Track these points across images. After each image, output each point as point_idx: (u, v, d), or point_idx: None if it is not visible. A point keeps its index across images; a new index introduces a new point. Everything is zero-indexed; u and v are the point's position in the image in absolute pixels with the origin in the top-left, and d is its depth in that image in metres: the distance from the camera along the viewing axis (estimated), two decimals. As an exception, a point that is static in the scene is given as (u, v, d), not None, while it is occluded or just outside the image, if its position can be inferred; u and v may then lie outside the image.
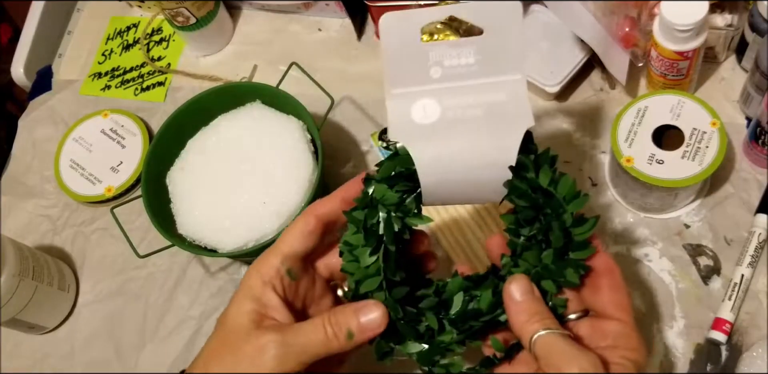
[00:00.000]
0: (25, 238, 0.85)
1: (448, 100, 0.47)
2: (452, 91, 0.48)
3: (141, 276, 0.81)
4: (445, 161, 0.47)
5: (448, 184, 0.48)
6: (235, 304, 0.50)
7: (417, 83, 0.48)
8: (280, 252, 0.51)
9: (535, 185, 0.48)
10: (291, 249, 0.51)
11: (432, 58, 0.48)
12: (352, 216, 0.50)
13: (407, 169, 0.49)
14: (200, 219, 0.71)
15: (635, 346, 0.48)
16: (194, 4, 0.83)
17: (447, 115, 0.47)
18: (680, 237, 0.70)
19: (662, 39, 0.66)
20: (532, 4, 0.77)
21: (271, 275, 0.50)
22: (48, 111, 0.93)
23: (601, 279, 0.49)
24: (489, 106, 0.47)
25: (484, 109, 0.47)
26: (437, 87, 0.48)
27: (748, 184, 0.70)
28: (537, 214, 0.49)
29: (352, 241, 0.50)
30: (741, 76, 0.74)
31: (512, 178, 0.47)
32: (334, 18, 0.88)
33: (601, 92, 0.77)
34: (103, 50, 0.95)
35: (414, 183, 0.49)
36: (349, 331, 0.48)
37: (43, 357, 0.80)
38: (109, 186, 0.84)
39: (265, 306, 0.50)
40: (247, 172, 0.71)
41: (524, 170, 0.48)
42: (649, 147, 0.65)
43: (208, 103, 0.75)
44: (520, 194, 0.48)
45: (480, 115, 0.47)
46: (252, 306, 0.50)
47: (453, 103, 0.48)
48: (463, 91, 0.48)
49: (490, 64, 0.47)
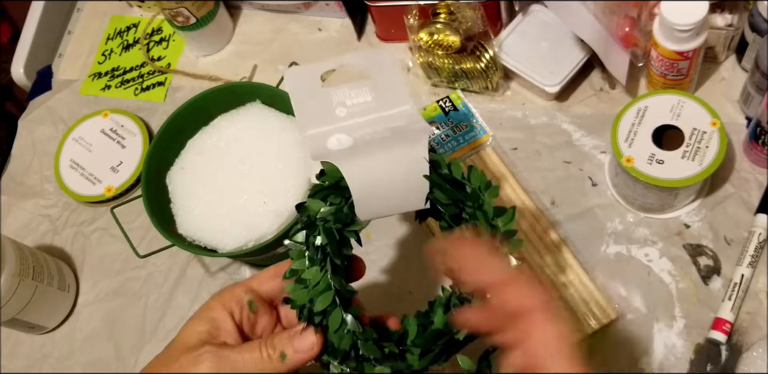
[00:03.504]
0: (25, 238, 0.85)
1: (357, 132, 0.54)
2: (359, 125, 0.54)
3: (141, 276, 0.81)
4: (371, 170, 0.52)
5: (377, 192, 0.52)
6: (191, 323, 0.52)
7: (327, 123, 0.54)
8: (247, 285, 0.53)
9: (450, 178, 0.53)
10: (258, 286, 0.53)
11: (335, 100, 0.55)
12: (294, 241, 0.52)
13: (337, 183, 0.52)
14: (200, 219, 0.71)
15: None
16: (194, 4, 0.83)
17: (359, 141, 0.54)
18: (680, 237, 0.70)
19: (662, 39, 0.66)
20: (532, 3, 0.77)
21: (232, 302, 0.52)
22: (48, 111, 0.93)
23: None
24: (393, 130, 0.54)
25: (389, 132, 0.54)
26: (345, 124, 0.54)
27: (748, 184, 0.70)
28: (460, 210, 0.53)
29: (296, 267, 0.51)
30: (741, 75, 0.74)
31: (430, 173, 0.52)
32: (334, 18, 0.88)
33: (601, 92, 0.77)
34: (103, 50, 0.95)
35: (346, 194, 0.52)
36: (282, 353, 0.50)
37: (43, 357, 0.80)
38: (109, 186, 0.84)
39: (218, 328, 0.51)
40: (247, 172, 0.71)
41: (438, 167, 0.53)
42: (649, 147, 0.65)
43: (207, 103, 0.75)
44: (440, 188, 0.52)
45: (388, 136, 0.54)
46: (205, 327, 0.51)
47: (362, 132, 0.54)
48: (368, 124, 0.54)
49: (383, 100, 0.55)
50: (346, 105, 0.54)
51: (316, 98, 0.55)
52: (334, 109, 0.54)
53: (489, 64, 0.75)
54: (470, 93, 0.80)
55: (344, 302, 0.51)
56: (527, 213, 0.72)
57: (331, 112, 0.54)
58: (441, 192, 0.52)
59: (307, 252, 0.51)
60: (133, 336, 0.78)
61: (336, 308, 0.51)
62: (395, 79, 0.55)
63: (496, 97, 0.80)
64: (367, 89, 0.55)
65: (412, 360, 0.51)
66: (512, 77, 0.79)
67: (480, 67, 0.75)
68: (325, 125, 0.54)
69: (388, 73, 0.55)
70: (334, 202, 0.52)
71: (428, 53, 0.77)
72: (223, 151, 0.73)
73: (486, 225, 0.52)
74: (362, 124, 0.54)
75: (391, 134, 0.54)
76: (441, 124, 0.79)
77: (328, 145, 0.54)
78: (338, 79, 0.57)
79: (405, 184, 0.52)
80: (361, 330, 0.50)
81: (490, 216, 0.52)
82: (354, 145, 0.53)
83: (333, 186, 0.52)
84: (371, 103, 0.54)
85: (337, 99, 0.55)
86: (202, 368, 0.48)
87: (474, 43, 0.75)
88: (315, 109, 0.55)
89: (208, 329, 0.51)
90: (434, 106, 0.80)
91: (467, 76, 0.77)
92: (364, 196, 0.52)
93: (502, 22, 0.80)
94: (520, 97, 0.79)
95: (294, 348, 0.50)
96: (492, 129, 0.78)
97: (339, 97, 0.55)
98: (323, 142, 0.54)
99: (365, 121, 0.54)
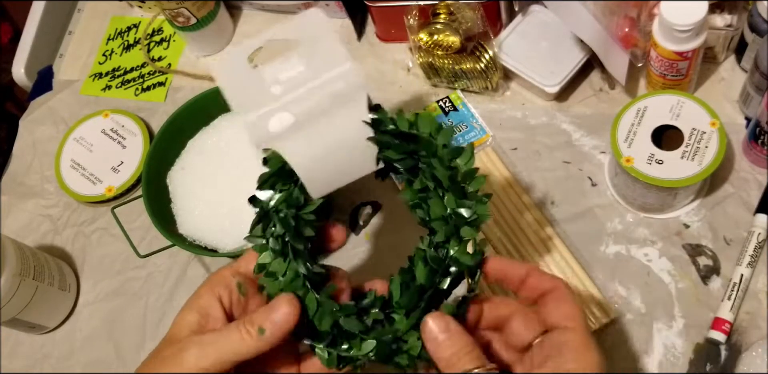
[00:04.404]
0: (25, 238, 0.85)
1: (297, 107, 0.50)
2: (298, 98, 0.50)
3: (141, 276, 0.81)
4: (312, 146, 0.50)
5: (324, 166, 0.51)
6: (182, 314, 0.51)
7: (264, 104, 0.50)
8: (235, 268, 0.52)
9: (397, 132, 0.50)
10: (246, 268, 0.52)
11: (269, 78, 0.51)
12: (252, 236, 0.51)
13: (282, 168, 0.51)
14: (200, 219, 0.71)
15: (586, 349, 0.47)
16: (194, 4, 0.83)
17: (300, 116, 0.50)
18: (680, 237, 0.70)
19: (662, 39, 0.66)
20: (532, 3, 0.78)
21: (220, 286, 0.51)
22: (49, 111, 0.93)
23: (548, 296, 0.49)
24: (332, 95, 0.50)
25: (329, 99, 0.50)
26: (284, 101, 0.50)
27: (747, 184, 0.70)
28: (416, 161, 0.51)
29: (262, 261, 0.51)
30: (740, 76, 0.74)
31: (375, 134, 0.50)
32: (334, 18, 0.88)
33: (601, 92, 0.78)
34: (103, 50, 0.95)
35: (293, 177, 0.51)
36: (260, 328, 0.48)
37: (43, 357, 0.80)
38: (110, 186, 0.84)
39: (207, 316, 0.51)
40: (248, 172, 0.71)
41: (383, 124, 0.50)
42: (648, 147, 0.65)
43: (208, 103, 0.75)
44: (389, 146, 0.50)
45: (327, 105, 0.50)
46: (195, 318, 0.50)
47: (302, 106, 0.50)
48: (307, 94, 0.50)
49: (317, 66, 0.50)
50: (280, 81, 0.51)
51: (248, 81, 0.51)
52: (269, 87, 0.51)
53: (489, 64, 0.75)
54: (470, 93, 0.80)
55: (316, 284, 0.50)
56: (527, 213, 0.73)
57: (266, 91, 0.51)
58: (391, 150, 0.50)
59: (269, 244, 0.51)
60: (134, 336, 0.78)
61: (308, 292, 0.50)
62: (326, 40, 0.51)
63: (495, 97, 0.80)
64: (298, 58, 0.51)
65: (399, 321, 0.50)
66: (512, 77, 0.79)
67: (480, 67, 0.75)
68: (263, 107, 0.50)
69: (318, 36, 0.51)
70: (283, 189, 0.51)
71: (428, 53, 0.77)
72: (224, 151, 0.73)
73: (445, 170, 0.50)
74: (301, 97, 0.50)
75: (331, 100, 0.51)
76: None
77: (269, 128, 0.51)
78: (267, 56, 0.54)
79: (351, 151, 0.50)
80: (339, 307, 0.49)
81: (446, 160, 0.50)
82: (295, 121, 0.50)
83: (278, 171, 0.51)
84: (305, 72, 0.50)
85: (269, 76, 0.51)
86: (187, 357, 0.48)
87: (474, 43, 0.75)
88: (249, 92, 0.51)
89: (197, 319, 0.50)
90: (434, 106, 0.80)
91: (467, 76, 0.77)
92: (312, 174, 0.50)
93: (502, 23, 0.80)
94: (520, 97, 0.79)
95: (270, 321, 0.49)
96: (492, 129, 0.78)
97: (271, 74, 0.51)
98: (264, 125, 0.51)
99: (303, 92, 0.50)
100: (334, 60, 0.50)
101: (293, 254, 0.51)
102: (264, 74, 0.51)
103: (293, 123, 0.50)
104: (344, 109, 0.50)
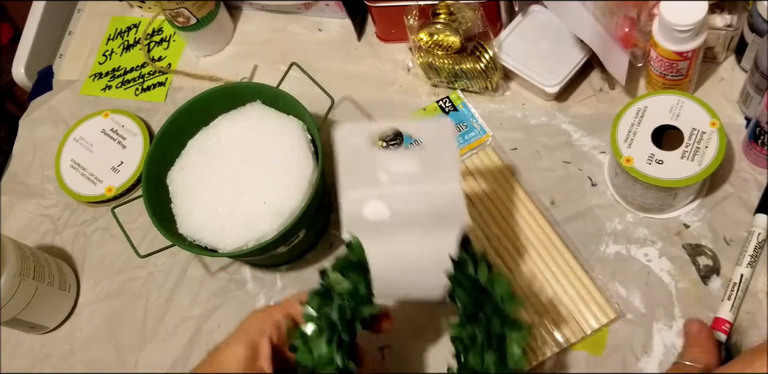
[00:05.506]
0: (25, 238, 0.85)
1: (395, 203, 0.52)
2: (398, 195, 0.53)
3: (141, 276, 0.81)
4: (394, 254, 0.52)
5: (398, 279, 0.53)
6: (231, 345, 0.54)
7: (366, 186, 0.53)
8: (285, 309, 0.56)
9: (473, 280, 0.53)
10: (295, 311, 0.56)
11: (380, 164, 0.53)
12: (308, 306, 0.55)
13: (359, 261, 0.53)
14: (200, 219, 0.71)
15: None
16: (195, 4, 0.84)
17: (395, 216, 0.52)
18: (680, 237, 0.70)
19: (662, 39, 0.66)
20: (532, 4, 0.78)
21: (271, 326, 0.55)
22: (49, 111, 0.93)
23: None
24: (431, 210, 0.52)
25: (426, 212, 0.52)
26: (385, 190, 0.53)
27: (747, 184, 0.70)
28: (477, 311, 0.53)
29: (306, 331, 0.54)
30: (740, 76, 0.74)
31: (455, 271, 0.52)
32: (334, 18, 0.88)
33: (601, 92, 0.78)
34: (103, 50, 0.95)
35: (366, 273, 0.53)
36: None
37: (43, 356, 0.80)
38: (110, 186, 0.84)
39: (257, 354, 0.53)
40: (248, 172, 0.71)
41: (464, 266, 0.52)
42: (648, 147, 0.65)
43: (208, 104, 0.75)
44: (462, 287, 0.53)
45: (424, 218, 0.52)
46: (245, 353, 0.53)
47: (400, 205, 0.52)
48: (409, 196, 0.53)
49: (430, 174, 0.53)
50: (390, 171, 0.53)
51: (361, 158, 0.53)
52: (377, 172, 0.53)
53: (489, 64, 0.75)
54: (470, 93, 0.81)
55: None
56: (527, 213, 0.73)
57: (374, 174, 0.53)
58: (462, 292, 0.53)
59: (319, 321, 0.54)
60: (134, 335, 0.78)
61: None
62: (450, 154, 0.53)
63: (495, 97, 0.80)
64: (416, 158, 0.53)
65: None
66: (512, 77, 0.79)
67: (480, 67, 0.75)
68: (365, 188, 0.53)
69: (443, 146, 0.53)
70: (354, 279, 0.53)
71: (428, 53, 0.77)
72: (224, 151, 0.73)
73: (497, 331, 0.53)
74: (403, 194, 0.52)
75: (428, 214, 0.53)
76: (441, 124, 0.79)
77: (363, 213, 0.53)
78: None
79: (428, 275, 0.52)
80: None
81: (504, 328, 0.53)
82: (388, 219, 0.52)
83: (357, 262, 0.53)
84: (416, 173, 0.53)
85: (382, 162, 0.53)
86: None
87: (474, 43, 0.75)
88: (358, 168, 0.53)
89: (247, 354, 0.53)
90: (434, 107, 0.80)
91: (467, 76, 0.77)
92: (384, 282, 0.53)
93: (502, 23, 0.80)
94: (520, 97, 0.79)
95: None
96: (492, 129, 0.78)
97: (385, 161, 0.53)
98: (359, 207, 0.53)
99: (407, 191, 0.53)
100: (446, 176, 0.52)
101: (338, 344, 0.53)
102: (379, 158, 0.53)
103: (388, 218, 0.52)
104: (438, 231, 0.52)
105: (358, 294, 0.53)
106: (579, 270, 0.69)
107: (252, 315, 0.57)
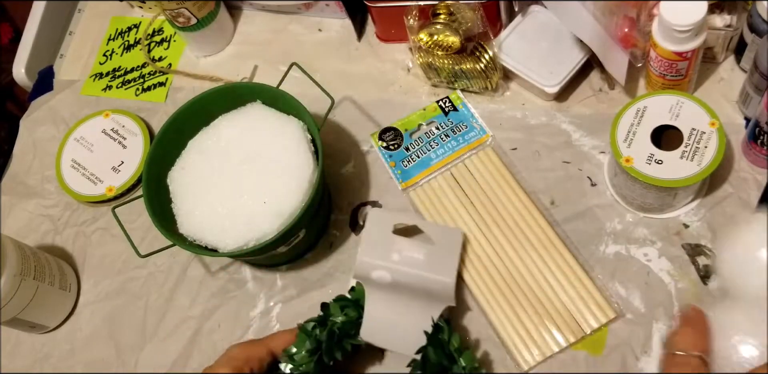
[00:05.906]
0: (26, 238, 0.85)
1: (398, 277, 0.67)
2: (403, 272, 0.67)
3: (141, 276, 0.81)
4: (388, 307, 0.66)
5: (384, 326, 0.65)
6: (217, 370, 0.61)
7: (380, 259, 0.68)
8: (268, 347, 0.64)
9: (445, 345, 0.63)
10: (277, 348, 0.64)
11: (395, 246, 0.68)
12: (305, 326, 0.65)
13: (357, 300, 0.66)
14: (201, 218, 0.71)
15: None
16: (195, 4, 0.84)
17: (395, 283, 0.67)
18: (679, 237, 0.70)
19: (661, 39, 0.66)
20: (532, 4, 0.78)
21: (253, 360, 0.62)
22: (49, 111, 0.93)
23: None
24: (426, 288, 0.66)
25: (422, 289, 0.66)
26: (394, 266, 0.67)
27: (746, 184, 0.70)
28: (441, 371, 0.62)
29: (295, 348, 0.63)
30: (740, 76, 0.74)
31: (432, 333, 0.63)
32: (334, 18, 0.88)
33: (601, 92, 0.78)
34: (104, 51, 0.96)
35: (360, 314, 0.65)
36: None
37: (43, 356, 0.80)
38: (110, 186, 0.84)
39: None
40: (248, 172, 0.71)
41: (441, 332, 0.63)
42: (648, 147, 0.65)
43: (208, 104, 0.75)
44: (434, 347, 0.62)
45: (419, 292, 0.66)
46: None
47: (402, 279, 0.67)
48: (411, 275, 0.67)
49: (432, 265, 0.67)
50: (401, 253, 0.67)
51: (383, 238, 0.69)
52: (391, 251, 0.68)
53: (489, 64, 0.75)
54: (470, 93, 0.81)
55: None
56: (527, 213, 0.73)
57: (388, 253, 0.68)
58: (433, 352, 0.62)
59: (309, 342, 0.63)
60: (134, 335, 0.78)
61: None
62: (452, 256, 0.69)
63: (495, 97, 0.80)
64: (425, 250, 0.68)
65: None
66: (512, 77, 0.79)
67: (480, 67, 0.75)
68: (378, 260, 0.67)
69: (450, 249, 0.69)
70: (349, 314, 0.65)
71: (428, 54, 0.77)
72: (224, 151, 0.73)
73: None
74: (406, 273, 0.67)
75: (422, 292, 0.66)
76: (441, 124, 0.79)
77: (371, 275, 0.67)
78: (407, 232, 0.71)
79: (408, 330, 0.64)
80: None
81: None
82: (390, 284, 0.66)
83: (355, 301, 0.66)
84: (422, 261, 0.67)
85: (397, 246, 0.68)
86: None
87: (474, 43, 0.75)
88: (377, 245, 0.68)
89: None
90: (434, 107, 0.80)
91: (467, 76, 0.77)
92: (372, 324, 0.65)
93: (502, 23, 0.80)
94: (520, 97, 0.79)
95: None
96: (492, 129, 0.78)
97: (399, 245, 0.68)
98: (369, 270, 0.67)
99: (409, 272, 0.67)
100: (446, 271, 0.67)
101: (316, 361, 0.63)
102: (395, 241, 0.68)
103: (389, 282, 0.66)
104: (427, 305, 0.65)
105: (349, 328, 0.65)
106: (579, 270, 0.69)
107: (235, 345, 0.64)
